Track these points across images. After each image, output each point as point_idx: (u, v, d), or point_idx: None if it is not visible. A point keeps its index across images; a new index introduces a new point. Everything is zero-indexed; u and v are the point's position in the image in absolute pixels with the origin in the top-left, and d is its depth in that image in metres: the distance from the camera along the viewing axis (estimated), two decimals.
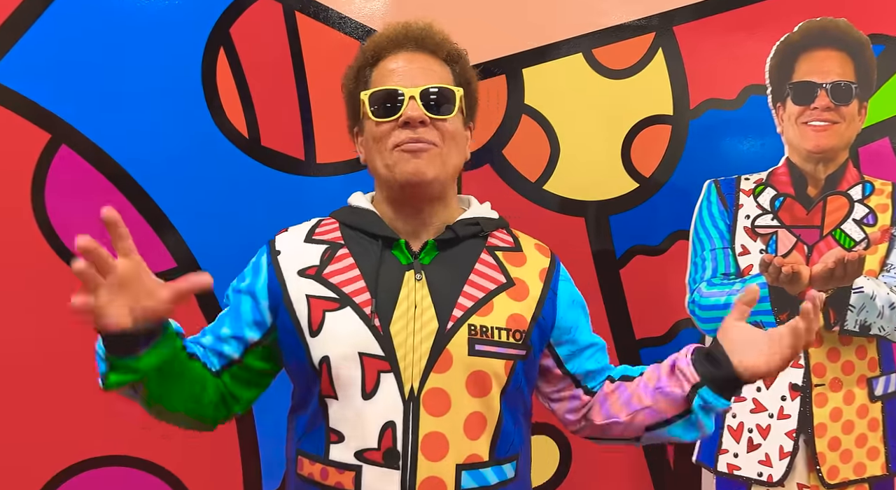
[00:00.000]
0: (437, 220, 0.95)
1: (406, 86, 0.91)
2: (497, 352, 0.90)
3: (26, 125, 1.52)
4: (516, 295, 0.93)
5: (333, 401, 0.89)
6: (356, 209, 0.98)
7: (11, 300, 1.53)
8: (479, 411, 0.89)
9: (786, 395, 1.34)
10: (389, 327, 0.88)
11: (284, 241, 0.97)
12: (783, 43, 1.39)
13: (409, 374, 0.87)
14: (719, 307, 1.36)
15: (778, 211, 1.38)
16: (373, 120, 0.92)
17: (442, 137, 0.91)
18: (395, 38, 0.96)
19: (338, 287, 0.90)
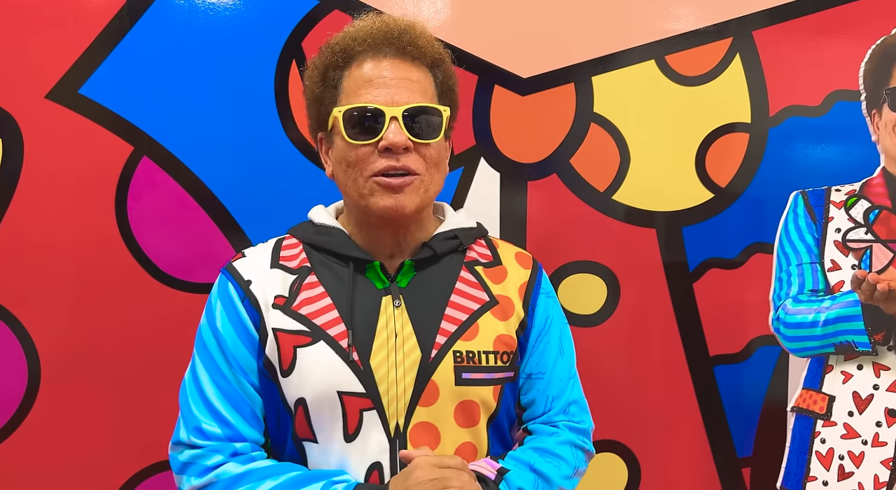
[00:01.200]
0: (413, 239, 0.87)
1: (386, 103, 0.80)
2: (485, 378, 0.83)
3: (112, 138, 1.59)
4: (501, 314, 0.86)
5: (312, 444, 0.81)
6: (321, 227, 0.88)
7: (95, 305, 1.60)
8: (468, 441, 0.84)
9: (881, 421, 1.25)
10: (369, 360, 0.80)
11: (249, 268, 0.87)
12: (880, 46, 1.32)
13: (394, 410, 0.80)
14: (806, 325, 1.29)
15: (873, 224, 1.30)
16: (348, 142, 0.81)
17: (425, 165, 0.82)
18: (373, 41, 0.82)
19: (309, 319, 0.81)
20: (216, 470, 0.80)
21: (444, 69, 0.86)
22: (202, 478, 0.81)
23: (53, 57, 1.57)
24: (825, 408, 1.31)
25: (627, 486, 1.71)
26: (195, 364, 0.87)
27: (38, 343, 1.60)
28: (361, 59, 0.82)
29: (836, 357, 1.32)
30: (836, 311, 1.25)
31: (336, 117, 0.82)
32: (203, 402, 0.84)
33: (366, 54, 0.82)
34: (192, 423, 0.84)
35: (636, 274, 1.71)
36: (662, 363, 1.72)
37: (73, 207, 1.58)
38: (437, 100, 0.85)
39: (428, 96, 0.83)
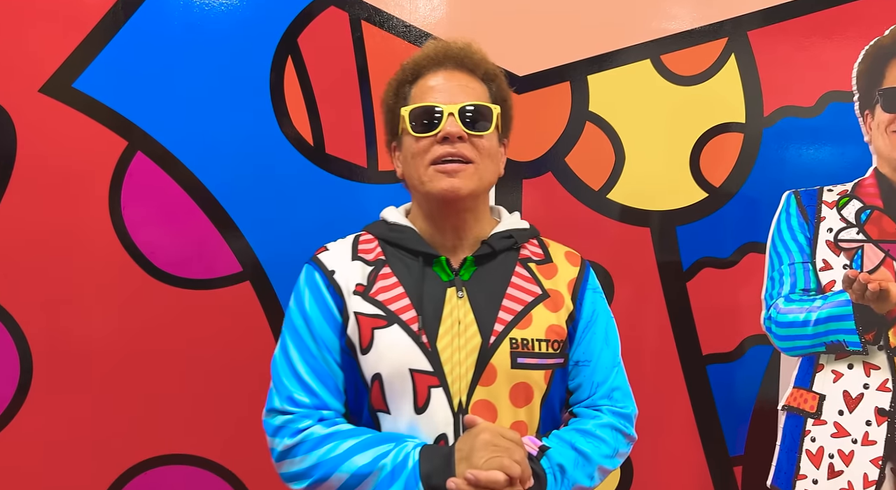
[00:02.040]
0: (472, 235, 0.98)
1: (445, 102, 0.93)
2: (538, 363, 0.93)
3: (106, 132, 1.59)
4: (552, 306, 0.97)
5: (386, 415, 0.92)
6: (394, 225, 1.00)
7: (88, 300, 1.59)
8: (521, 420, 0.93)
9: (871, 420, 1.26)
10: (437, 343, 0.91)
11: (333, 260, 0.98)
12: (873, 47, 1.32)
13: (457, 388, 0.91)
14: (797, 325, 1.30)
15: (864, 224, 1.31)
16: (412, 135, 0.94)
17: (478, 153, 0.94)
18: (435, 57, 0.97)
19: (384, 305, 0.93)
20: (305, 431, 0.93)
21: (497, 83, 1.00)
22: (294, 438, 0.93)
23: (47, 50, 1.56)
24: (816, 407, 1.32)
25: (620, 484, 1.72)
26: (286, 342, 0.97)
27: (31, 338, 1.59)
28: (427, 72, 0.97)
29: (826, 356, 1.32)
30: (827, 310, 1.26)
31: (403, 116, 0.95)
32: (294, 375, 0.95)
33: (430, 68, 0.97)
34: (284, 393, 0.95)
35: (630, 272, 1.71)
36: (655, 362, 1.73)
37: (67, 202, 1.58)
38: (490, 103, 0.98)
39: (483, 99, 0.96)
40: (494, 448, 0.85)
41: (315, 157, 1.65)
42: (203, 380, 1.60)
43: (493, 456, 0.84)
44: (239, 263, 1.64)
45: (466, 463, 0.85)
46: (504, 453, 0.85)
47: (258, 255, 1.64)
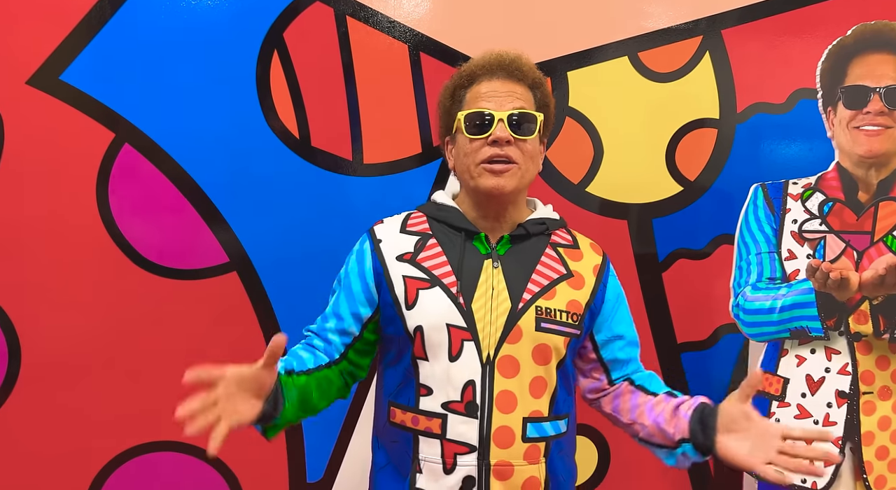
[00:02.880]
0: (510, 219, 1.12)
1: (496, 109, 1.07)
2: (558, 329, 1.07)
3: (93, 124, 1.60)
4: (575, 284, 1.11)
5: (424, 362, 1.06)
6: (441, 206, 1.15)
7: (76, 291, 1.61)
8: (541, 376, 1.07)
9: (832, 402, 1.31)
10: (471, 305, 1.06)
11: (383, 231, 1.14)
12: (836, 46, 1.37)
13: (487, 344, 1.05)
14: (763, 312, 1.35)
15: (827, 216, 1.36)
16: (467, 136, 1.08)
17: (522, 155, 1.07)
18: (489, 66, 1.11)
19: (429, 270, 1.08)
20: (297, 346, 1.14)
21: (542, 90, 1.13)
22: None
23: (34, 42, 1.57)
24: (780, 389, 1.37)
25: (597, 468, 1.77)
26: (335, 289, 1.16)
27: (19, 329, 1.60)
28: (480, 79, 1.10)
29: (791, 342, 1.37)
30: (791, 298, 1.30)
31: (459, 119, 1.09)
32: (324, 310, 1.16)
33: (483, 76, 1.10)
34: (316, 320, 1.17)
35: None
36: None
37: (54, 194, 1.59)
38: (535, 110, 1.11)
39: (528, 106, 1.09)
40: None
41: (301, 149, 1.67)
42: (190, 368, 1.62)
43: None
44: (226, 254, 1.66)
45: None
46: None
47: (245, 245, 1.66)
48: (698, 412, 1.03)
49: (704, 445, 1.01)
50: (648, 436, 1.09)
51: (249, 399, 0.93)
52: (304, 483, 1.69)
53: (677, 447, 1.05)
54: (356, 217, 1.63)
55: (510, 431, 1.05)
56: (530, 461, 1.06)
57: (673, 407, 1.07)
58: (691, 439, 1.02)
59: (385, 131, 1.68)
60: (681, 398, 1.08)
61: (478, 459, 1.04)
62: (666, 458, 1.09)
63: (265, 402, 0.95)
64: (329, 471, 1.70)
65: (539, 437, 1.07)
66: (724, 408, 1.00)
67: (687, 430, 1.02)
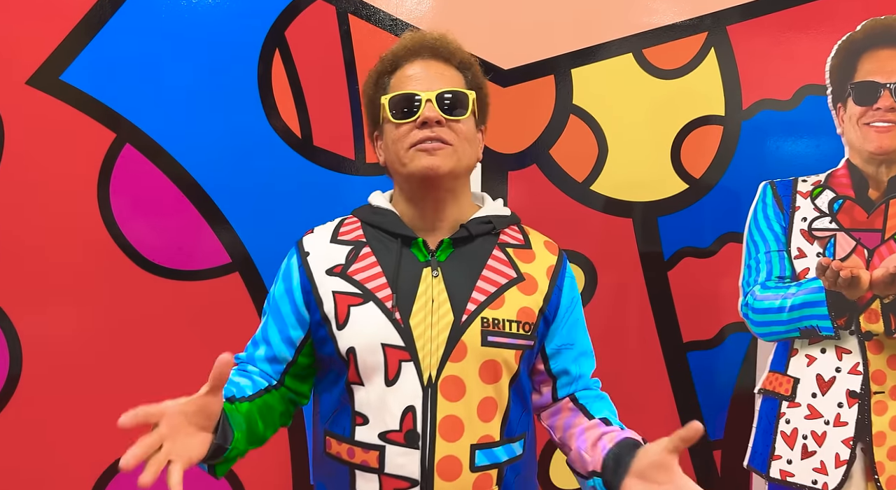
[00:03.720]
0: (451, 218, 1.01)
1: (423, 90, 0.97)
2: (507, 342, 0.96)
3: (94, 125, 1.59)
4: (526, 289, 1.00)
5: (359, 387, 0.96)
6: (377, 209, 1.04)
7: (77, 293, 1.60)
8: (491, 396, 0.96)
9: (843, 402, 1.30)
10: (409, 320, 0.95)
11: (312, 243, 1.03)
12: (845, 42, 1.35)
13: (428, 363, 0.94)
14: (773, 311, 1.33)
15: (837, 213, 1.35)
16: (393, 122, 0.98)
17: (456, 136, 0.97)
18: (413, 47, 1.01)
19: (361, 283, 0.97)
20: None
21: (472, 71, 1.03)
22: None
23: (34, 43, 1.56)
24: (790, 390, 1.36)
25: None
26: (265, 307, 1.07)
27: (20, 330, 1.59)
28: (404, 63, 1.01)
29: (801, 341, 1.36)
30: (801, 296, 1.29)
31: (383, 104, 0.99)
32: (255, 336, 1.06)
33: (408, 58, 1.01)
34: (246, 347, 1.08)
35: (613, 262, 1.74)
36: (637, 349, 1.76)
37: (55, 195, 1.58)
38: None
39: (458, 86, 1.00)
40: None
41: (303, 149, 1.66)
42: (192, 370, 1.61)
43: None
44: (228, 255, 1.65)
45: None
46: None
47: (247, 246, 1.65)
48: (617, 447, 0.93)
49: (612, 483, 0.91)
50: (571, 461, 1.01)
51: (197, 433, 0.83)
52: (308, 485, 1.68)
53: (589, 479, 0.96)
54: None
55: (456, 461, 0.93)
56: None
57: (597, 436, 0.97)
58: (602, 474, 0.93)
59: None
60: (610, 428, 0.98)
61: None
62: (582, 484, 1.00)
63: (214, 433, 0.85)
64: None
65: (490, 464, 0.96)
66: (647, 451, 0.89)
67: (600, 463, 0.93)
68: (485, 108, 1.05)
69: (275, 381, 1.02)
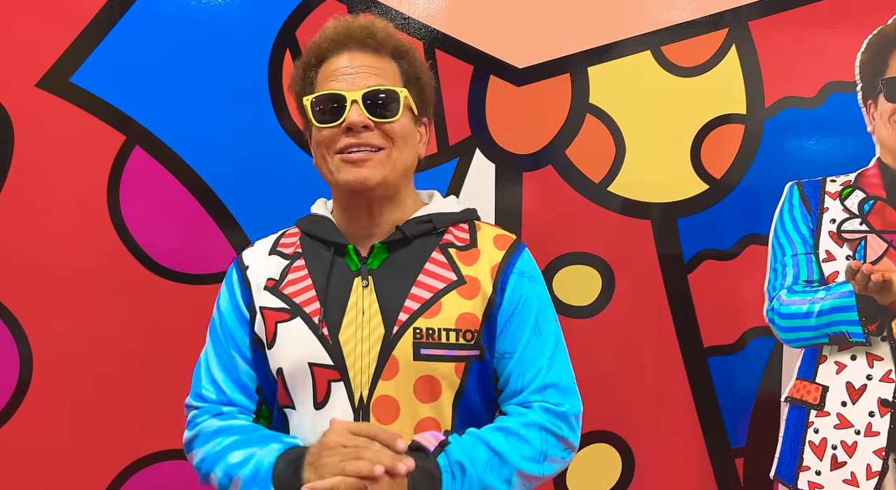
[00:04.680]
0: (388, 221, 0.93)
1: (347, 89, 0.88)
2: (444, 354, 0.87)
3: (104, 127, 1.58)
4: (467, 293, 0.90)
5: (291, 411, 0.90)
6: (315, 217, 0.97)
7: (87, 296, 1.59)
8: (430, 417, 0.88)
9: (874, 411, 1.26)
10: (339, 336, 0.87)
11: (251, 256, 0.97)
12: (876, 36, 1.31)
13: (359, 382, 0.87)
14: (800, 316, 1.29)
15: (867, 215, 1.31)
16: (317, 126, 0.90)
17: (388, 139, 0.89)
18: (337, 38, 0.92)
19: (290, 298, 0.90)
20: (200, 425, 0.94)
21: (409, 60, 0.93)
22: (191, 431, 0.95)
23: (44, 45, 1.55)
24: (819, 398, 1.32)
25: (621, 477, 1.72)
26: (208, 340, 0.99)
27: (30, 334, 1.59)
28: (330, 55, 0.92)
29: (829, 347, 1.32)
30: (830, 301, 1.25)
31: (306, 106, 0.91)
32: (207, 371, 0.96)
33: (332, 51, 0.91)
34: (196, 389, 0.97)
35: (631, 265, 1.71)
36: (657, 354, 1.73)
37: (65, 198, 1.57)
38: (402, 85, 0.92)
39: (390, 81, 0.90)
40: (342, 450, 0.79)
41: None
42: None
43: (340, 460, 0.78)
44: None
45: (312, 469, 0.80)
46: (351, 454, 0.78)
47: None
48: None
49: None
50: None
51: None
52: None
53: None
54: None
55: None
56: None
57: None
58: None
59: None
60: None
61: None
62: None
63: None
64: None
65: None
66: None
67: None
68: (427, 100, 0.96)
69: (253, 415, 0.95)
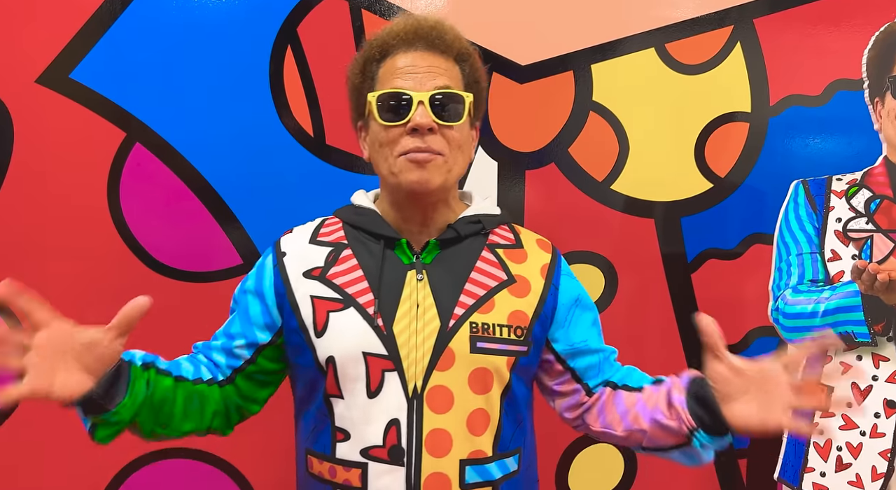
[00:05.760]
0: (439, 220, 0.95)
1: (415, 89, 0.89)
2: (498, 349, 0.90)
3: (104, 124, 1.57)
4: (518, 291, 0.94)
5: (339, 400, 0.90)
6: (359, 208, 0.98)
7: (87, 294, 1.58)
8: (482, 408, 0.90)
9: (880, 412, 1.25)
10: (393, 327, 0.89)
11: (289, 243, 0.97)
12: (883, 33, 1.30)
13: (413, 373, 0.88)
14: (805, 316, 1.28)
15: (874, 214, 1.29)
16: (380, 123, 0.90)
17: (448, 145, 0.90)
18: (405, 36, 0.92)
19: (341, 288, 0.91)
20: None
21: (470, 63, 0.95)
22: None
23: (43, 40, 1.54)
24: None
25: (624, 477, 1.71)
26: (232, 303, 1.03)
27: None
28: (395, 52, 0.92)
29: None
30: (835, 301, 1.24)
31: (370, 102, 0.91)
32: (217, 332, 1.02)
33: (399, 47, 0.92)
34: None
35: (634, 264, 1.70)
36: (660, 354, 1.71)
37: (65, 195, 1.56)
38: (462, 88, 0.93)
39: (454, 83, 0.92)
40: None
41: (315, 148, 1.63)
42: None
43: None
44: (239, 256, 1.62)
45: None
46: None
47: (258, 247, 1.62)
48: (692, 393, 0.86)
49: (715, 427, 0.83)
50: (653, 441, 0.91)
51: (75, 371, 0.75)
52: None
53: (691, 441, 0.87)
54: None
55: (445, 479, 0.87)
56: None
57: (665, 399, 0.89)
58: (699, 425, 0.85)
59: None
60: (665, 384, 0.91)
61: None
62: (685, 459, 0.90)
63: (97, 382, 0.77)
64: None
65: (482, 481, 0.89)
66: (711, 375, 0.83)
67: (690, 417, 0.85)
68: (481, 105, 0.98)
69: (222, 377, 0.96)
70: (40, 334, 0.74)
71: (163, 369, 0.91)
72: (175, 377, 0.92)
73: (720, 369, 0.81)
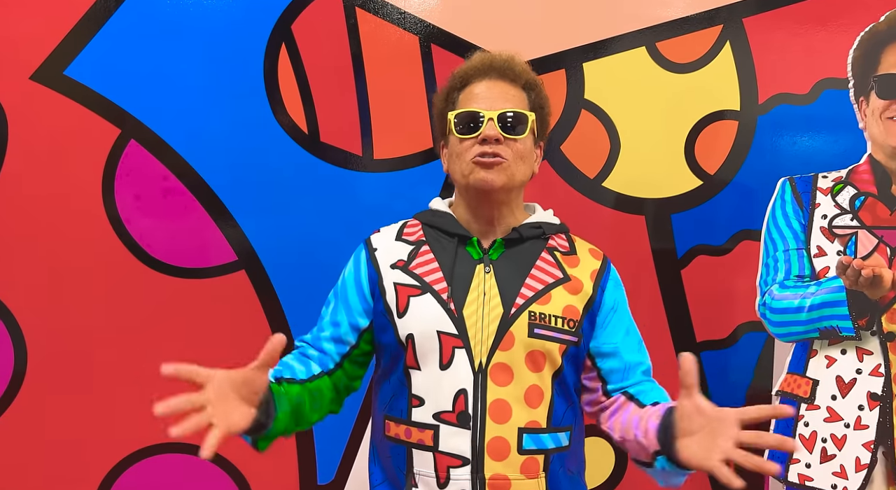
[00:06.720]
0: (505, 223, 1.10)
1: (486, 109, 1.06)
2: (553, 336, 1.03)
3: (99, 120, 1.57)
4: (571, 289, 1.08)
5: (416, 371, 1.04)
6: (436, 212, 1.14)
7: (82, 289, 1.59)
8: (536, 384, 1.03)
9: (864, 405, 1.27)
10: (462, 311, 1.04)
11: (379, 240, 1.14)
12: (868, 33, 1.32)
13: (479, 351, 1.02)
14: (791, 311, 1.30)
15: (858, 210, 1.31)
16: (457, 136, 1.07)
17: (512, 153, 1.05)
18: (482, 68, 1.10)
19: (420, 277, 1.07)
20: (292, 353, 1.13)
21: (536, 92, 1.12)
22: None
23: (38, 37, 1.54)
24: (809, 392, 1.33)
25: (614, 471, 1.73)
26: (331, 299, 1.15)
27: (25, 328, 1.59)
28: (473, 81, 1.10)
29: (820, 342, 1.33)
30: (821, 296, 1.26)
31: (450, 120, 1.09)
32: (320, 321, 1.14)
33: (476, 77, 1.10)
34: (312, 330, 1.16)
35: (625, 260, 1.69)
36: (650, 349, 1.71)
37: (60, 192, 1.57)
38: (528, 110, 1.10)
39: (521, 106, 1.08)
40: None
41: (310, 145, 1.64)
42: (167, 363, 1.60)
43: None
44: (234, 252, 1.63)
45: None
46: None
47: (253, 243, 1.63)
48: (663, 419, 0.93)
49: (670, 454, 0.90)
50: (636, 454, 1.00)
51: (241, 406, 0.88)
52: (315, 485, 1.66)
53: (655, 462, 0.94)
54: (366, 214, 1.60)
55: (505, 443, 1.00)
56: (528, 475, 1.01)
57: (646, 418, 0.97)
58: (661, 450, 0.92)
59: (395, 126, 1.65)
60: (656, 407, 0.98)
61: (472, 473, 1.00)
62: (657, 477, 0.98)
63: (259, 411, 0.90)
64: (340, 472, 1.67)
65: (537, 449, 1.02)
66: (679, 410, 0.89)
67: (656, 441, 0.93)
68: (545, 127, 1.14)
69: (332, 364, 1.09)
70: (207, 389, 0.86)
71: (288, 378, 1.03)
72: (299, 382, 1.04)
73: (687, 406, 0.88)
